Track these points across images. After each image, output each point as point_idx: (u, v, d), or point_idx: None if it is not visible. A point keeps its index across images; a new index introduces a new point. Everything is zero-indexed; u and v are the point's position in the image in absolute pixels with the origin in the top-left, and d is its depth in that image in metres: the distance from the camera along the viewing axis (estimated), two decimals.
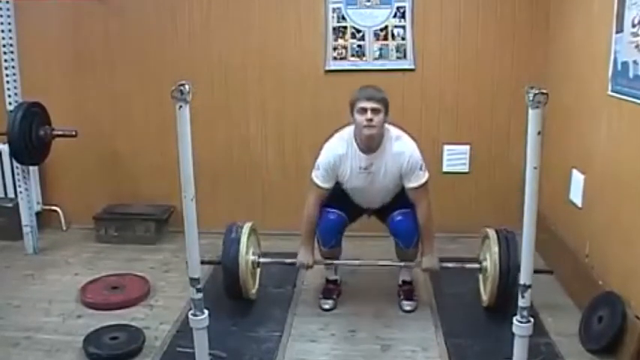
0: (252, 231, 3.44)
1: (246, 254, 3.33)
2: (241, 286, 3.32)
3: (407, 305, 3.51)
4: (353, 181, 3.33)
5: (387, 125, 3.28)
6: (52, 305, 3.58)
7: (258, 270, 3.59)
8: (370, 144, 3.25)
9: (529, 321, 2.60)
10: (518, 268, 2.84)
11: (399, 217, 3.37)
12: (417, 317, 3.43)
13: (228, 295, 3.39)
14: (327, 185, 3.34)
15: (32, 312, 3.50)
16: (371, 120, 3.13)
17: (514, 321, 2.61)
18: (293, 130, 4.53)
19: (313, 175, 3.36)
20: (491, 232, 3.31)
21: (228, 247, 3.32)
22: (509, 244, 3.21)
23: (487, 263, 3.33)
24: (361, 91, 3.20)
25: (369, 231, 3.81)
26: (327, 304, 3.53)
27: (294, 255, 3.42)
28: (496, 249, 3.19)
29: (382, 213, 3.51)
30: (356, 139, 3.28)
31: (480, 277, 3.47)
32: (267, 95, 4.48)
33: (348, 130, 3.32)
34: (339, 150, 3.30)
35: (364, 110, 3.14)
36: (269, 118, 4.53)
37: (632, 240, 2.88)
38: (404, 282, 3.62)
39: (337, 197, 3.45)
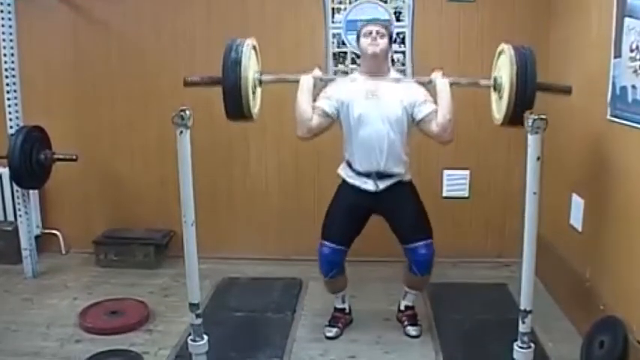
0: (253, 48, 3.25)
1: (247, 72, 3.12)
2: (243, 104, 3.12)
3: (413, 330, 3.46)
4: (358, 107, 3.21)
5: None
6: (51, 330, 3.56)
7: (259, 89, 3.41)
8: (375, 65, 3.25)
9: (530, 347, 2.60)
10: (534, 84, 2.93)
11: (424, 251, 3.29)
12: (418, 343, 3.39)
13: (230, 115, 3.17)
14: (326, 107, 3.24)
15: (30, 337, 3.47)
16: (375, 39, 3.19)
17: (515, 347, 2.61)
18: (294, 153, 4.54)
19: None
20: (507, 47, 3.11)
21: (228, 66, 3.10)
22: (527, 59, 3.02)
23: (503, 80, 3.11)
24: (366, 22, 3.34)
25: (366, 256, 3.79)
26: (331, 332, 3.46)
27: (294, 280, 3.35)
28: (514, 65, 2.99)
29: (395, 223, 3.36)
30: (361, 71, 3.33)
31: (494, 95, 3.30)
32: (267, 120, 4.49)
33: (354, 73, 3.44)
34: (346, 79, 3.37)
35: (369, 32, 3.20)
36: (268, 142, 4.54)
37: (633, 264, 2.87)
38: (407, 307, 3.56)
39: (336, 211, 3.37)
